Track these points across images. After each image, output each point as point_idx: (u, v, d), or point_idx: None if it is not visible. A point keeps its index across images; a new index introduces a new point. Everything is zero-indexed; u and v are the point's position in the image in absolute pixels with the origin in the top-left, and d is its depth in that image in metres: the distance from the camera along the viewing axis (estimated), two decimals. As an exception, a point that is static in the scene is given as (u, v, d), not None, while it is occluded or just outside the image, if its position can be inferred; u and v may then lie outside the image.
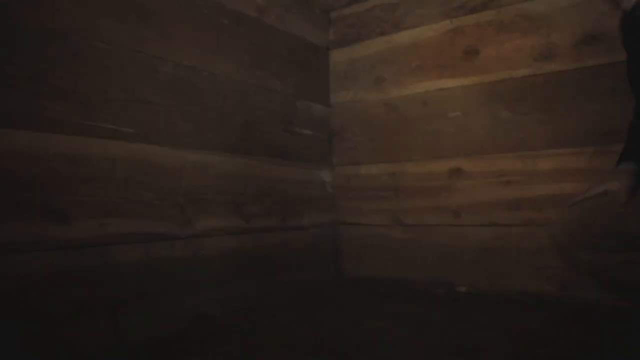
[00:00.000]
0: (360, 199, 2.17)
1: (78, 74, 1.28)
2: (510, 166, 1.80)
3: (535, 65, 1.75)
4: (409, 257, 2.01)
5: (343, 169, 2.23)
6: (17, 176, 1.15)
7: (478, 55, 1.88)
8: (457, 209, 1.91)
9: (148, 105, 1.45)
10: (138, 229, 1.40)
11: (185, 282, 1.51)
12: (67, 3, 1.26)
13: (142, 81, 1.44)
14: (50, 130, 1.21)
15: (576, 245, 1.11)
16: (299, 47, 2.09)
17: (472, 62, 1.89)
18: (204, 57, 1.64)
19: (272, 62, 1.93)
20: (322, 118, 2.20)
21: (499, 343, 1.28)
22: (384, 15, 2.13)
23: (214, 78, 1.67)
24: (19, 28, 1.17)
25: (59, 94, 1.24)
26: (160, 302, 1.42)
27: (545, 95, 1.73)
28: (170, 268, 1.47)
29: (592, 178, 1.44)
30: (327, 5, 2.25)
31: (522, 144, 1.78)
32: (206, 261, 1.59)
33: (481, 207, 1.86)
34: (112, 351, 1.28)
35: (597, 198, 1.14)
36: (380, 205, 2.11)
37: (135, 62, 1.42)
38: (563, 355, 1.19)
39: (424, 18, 2.02)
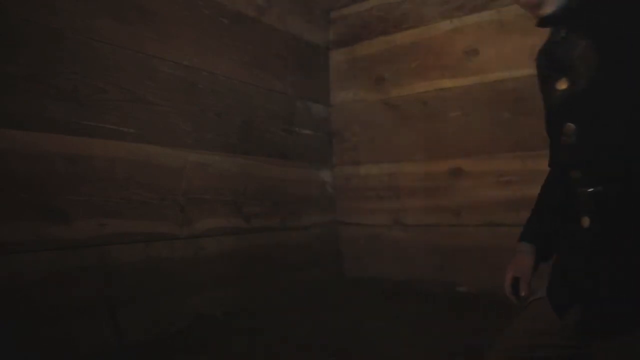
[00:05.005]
0: (360, 199, 2.17)
1: (78, 74, 1.28)
2: (510, 166, 1.80)
3: (535, 65, 1.75)
4: (409, 257, 2.01)
5: (343, 169, 2.23)
6: (17, 176, 1.14)
7: (478, 55, 1.88)
8: (457, 209, 1.91)
9: (148, 105, 1.45)
10: (138, 229, 1.40)
11: (185, 282, 1.50)
12: (67, 3, 1.26)
13: (141, 81, 1.44)
14: (50, 130, 1.21)
15: None
16: (299, 47, 2.08)
17: (472, 62, 1.89)
18: (204, 57, 1.64)
19: (272, 62, 1.93)
20: (322, 118, 2.20)
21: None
22: (384, 15, 2.13)
23: (213, 78, 1.67)
24: (19, 28, 1.17)
25: (59, 94, 1.23)
26: (160, 302, 1.42)
27: (545, 95, 1.73)
28: (170, 268, 1.47)
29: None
30: (327, 5, 2.24)
31: (522, 144, 1.78)
32: (206, 261, 1.59)
33: (481, 207, 1.85)
34: (112, 351, 1.28)
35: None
36: (380, 205, 2.10)
37: (135, 62, 1.42)
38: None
39: (424, 18, 2.02)
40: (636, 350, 0.73)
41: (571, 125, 0.82)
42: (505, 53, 1.81)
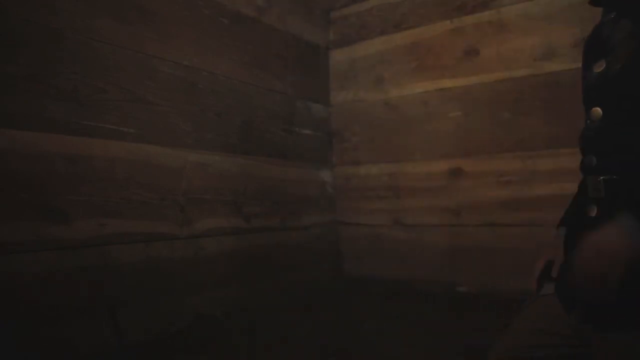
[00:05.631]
0: (360, 199, 2.17)
1: (78, 74, 1.28)
2: (510, 166, 1.80)
3: (535, 65, 1.75)
4: (408, 257, 2.01)
5: (343, 169, 2.23)
6: (16, 176, 1.14)
7: (478, 55, 1.88)
8: (457, 209, 1.91)
9: (148, 105, 1.45)
10: (138, 229, 1.40)
11: (185, 282, 1.50)
12: (67, 3, 1.26)
13: (141, 81, 1.44)
14: (50, 130, 1.21)
15: None
16: (299, 47, 2.08)
17: (472, 62, 1.89)
18: (204, 57, 1.64)
19: (272, 62, 1.93)
20: (322, 118, 2.20)
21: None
22: (384, 15, 2.13)
23: (213, 78, 1.67)
24: (19, 28, 1.17)
25: (59, 94, 1.23)
26: (160, 302, 1.42)
27: (545, 95, 1.73)
28: (170, 268, 1.47)
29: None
30: (327, 5, 2.24)
31: (522, 144, 1.78)
32: (206, 261, 1.59)
33: (481, 207, 1.85)
34: (112, 351, 1.28)
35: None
36: (380, 205, 2.10)
37: (135, 62, 1.42)
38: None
39: (424, 18, 2.01)
40: (636, 350, 0.73)
41: (598, 110, 0.82)
42: (505, 53, 1.81)
